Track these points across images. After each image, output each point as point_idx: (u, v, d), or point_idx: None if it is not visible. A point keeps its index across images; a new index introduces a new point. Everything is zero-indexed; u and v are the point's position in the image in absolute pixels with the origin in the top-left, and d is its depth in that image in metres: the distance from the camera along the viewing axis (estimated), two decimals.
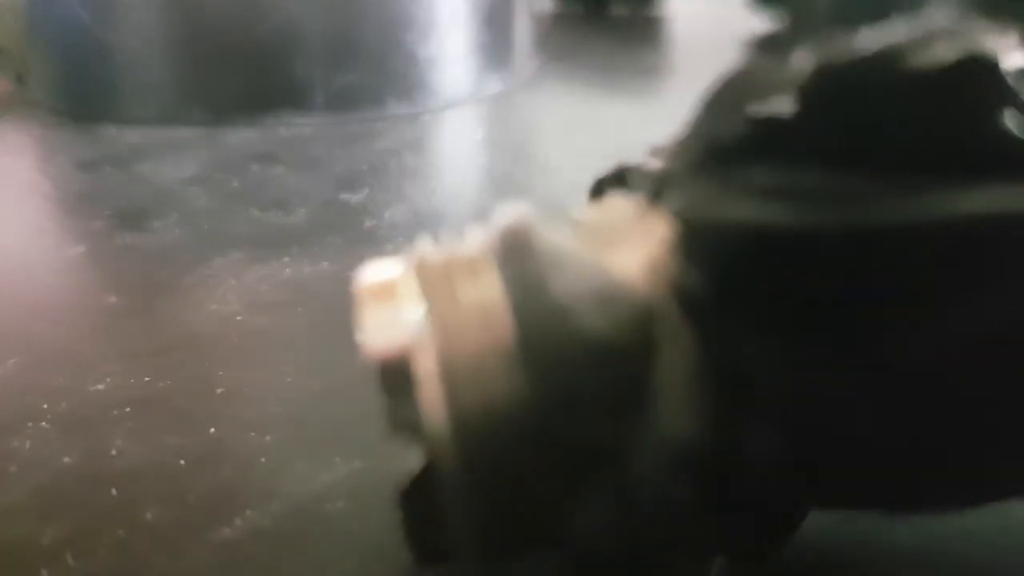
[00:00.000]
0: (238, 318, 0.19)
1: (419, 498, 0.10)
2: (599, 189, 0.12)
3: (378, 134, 0.30)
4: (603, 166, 0.12)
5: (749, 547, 0.10)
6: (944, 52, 0.09)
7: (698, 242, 0.10)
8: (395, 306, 0.11)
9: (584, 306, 0.10)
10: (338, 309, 0.14)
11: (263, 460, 0.14)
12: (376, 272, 0.11)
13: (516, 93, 0.35)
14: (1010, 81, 0.09)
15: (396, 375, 0.10)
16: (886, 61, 0.09)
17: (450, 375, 0.10)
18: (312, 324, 0.18)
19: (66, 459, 0.14)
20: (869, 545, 0.12)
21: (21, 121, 0.32)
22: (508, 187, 0.26)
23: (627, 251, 0.10)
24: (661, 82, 0.38)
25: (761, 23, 0.44)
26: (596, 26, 0.47)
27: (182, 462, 0.14)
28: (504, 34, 0.35)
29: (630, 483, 0.10)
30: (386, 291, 0.11)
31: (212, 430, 0.15)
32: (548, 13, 0.49)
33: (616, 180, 0.11)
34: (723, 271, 0.10)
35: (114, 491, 0.14)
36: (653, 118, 0.31)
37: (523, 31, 0.36)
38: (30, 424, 0.15)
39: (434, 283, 0.11)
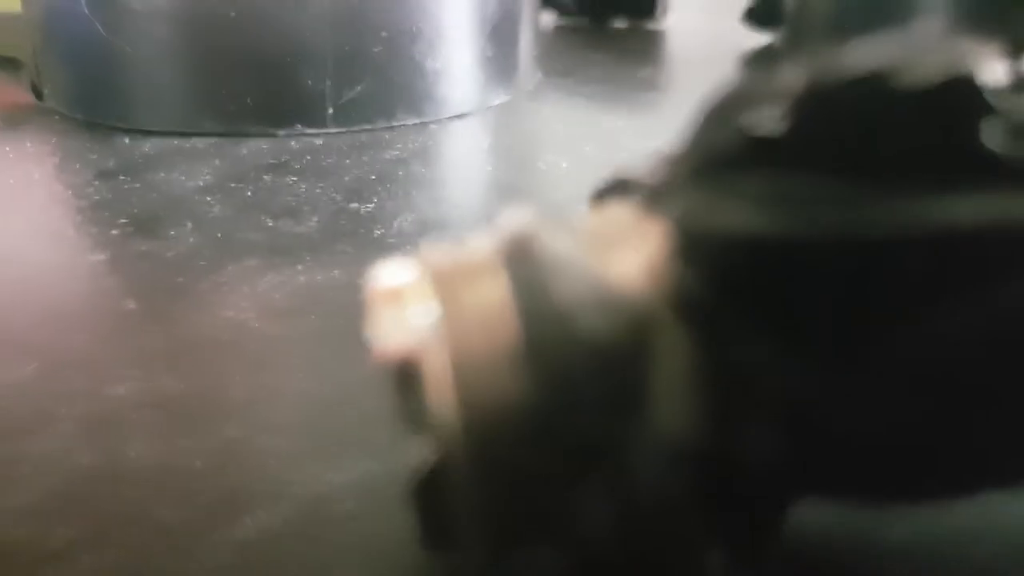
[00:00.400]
0: (252, 324, 0.19)
1: (430, 492, 0.10)
2: (599, 197, 0.12)
3: (387, 144, 0.30)
4: (604, 174, 0.12)
5: (745, 541, 0.10)
6: (928, 72, 0.10)
7: (695, 248, 0.10)
8: (407, 309, 0.11)
9: (585, 311, 0.10)
10: (350, 315, 0.14)
11: (275, 462, 0.14)
12: (388, 276, 0.11)
13: (520, 104, 0.35)
14: (990, 96, 0.09)
15: (408, 375, 0.10)
16: (874, 81, 0.10)
17: (459, 375, 0.10)
18: (324, 330, 0.18)
19: (83, 461, 0.14)
20: (866, 542, 0.12)
21: (39, 131, 0.32)
22: (512, 195, 0.26)
23: (626, 257, 0.10)
24: (660, 94, 0.38)
25: (757, 38, 0.44)
26: (597, 39, 0.47)
27: (197, 464, 0.14)
28: (509, 48, 0.35)
29: (629, 480, 0.10)
30: (398, 294, 0.11)
31: (226, 433, 0.15)
32: (550, 26, 0.49)
33: (616, 189, 0.12)
34: (719, 276, 0.10)
35: (129, 492, 0.14)
36: (652, 128, 0.32)
37: (527, 44, 0.36)
38: (49, 427, 0.15)
39: (444, 287, 0.11)
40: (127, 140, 0.30)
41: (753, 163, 0.10)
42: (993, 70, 0.10)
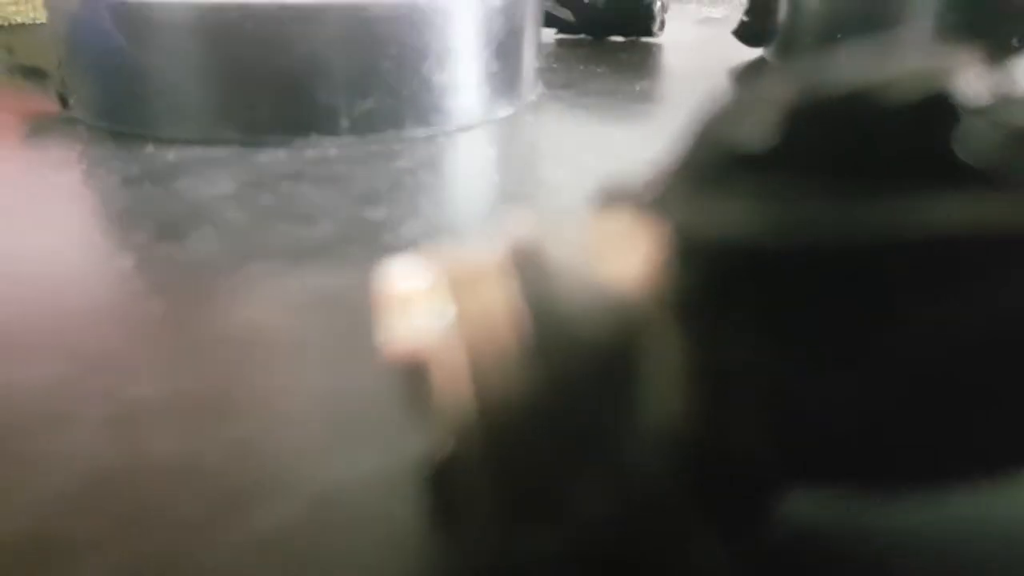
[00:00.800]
0: (269, 325, 0.19)
1: (442, 481, 0.11)
2: (599, 206, 0.12)
3: (397, 154, 0.30)
4: (603, 184, 0.12)
5: (741, 534, 0.11)
6: (911, 83, 0.10)
7: (690, 252, 0.10)
8: (418, 309, 0.11)
9: (586, 313, 0.10)
10: (361, 316, 0.14)
11: (291, 457, 0.14)
12: (400, 277, 0.11)
13: (523, 116, 0.35)
14: (965, 110, 0.10)
15: (420, 372, 0.11)
16: (860, 94, 0.10)
17: (469, 372, 0.10)
18: (336, 330, 0.19)
19: (103, 458, 0.14)
20: (865, 535, 0.12)
21: (65, 139, 0.32)
22: (516, 203, 0.26)
23: (624, 261, 0.11)
24: (657, 106, 0.38)
25: (750, 52, 0.44)
26: (597, 54, 0.47)
27: (214, 460, 0.14)
28: (513, 63, 0.35)
29: (627, 474, 0.10)
30: (408, 296, 0.11)
31: (242, 429, 0.15)
32: (552, 41, 0.49)
33: (614, 197, 0.12)
34: (715, 279, 0.10)
35: (147, 488, 0.14)
36: (650, 139, 0.32)
37: (530, 59, 0.37)
38: (69, 425, 0.15)
39: (455, 288, 0.11)
40: (151, 148, 0.30)
41: (745, 173, 0.10)
42: (974, 79, 0.10)
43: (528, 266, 0.11)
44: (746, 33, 0.43)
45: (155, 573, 0.12)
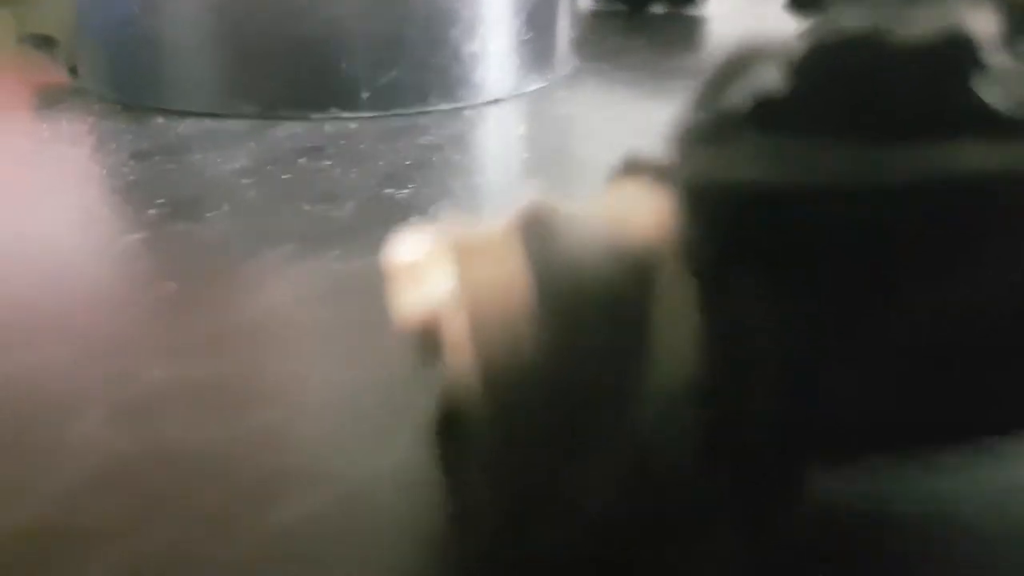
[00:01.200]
0: (288, 309, 0.19)
1: (449, 441, 0.11)
2: (617, 178, 0.12)
3: (422, 129, 0.30)
4: (624, 157, 0.12)
5: (755, 507, 0.11)
6: (925, 31, 0.10)
7: (700, 204, 0.10)
8: (427, 277, 0.11)
9: (595, 271, 0.10)
10: (385, 301, 0.14)
11: (313, 447, 0.14)
12: (407, 247, 0.12)
13: (556, 90, 0.35)
14: (983, 54, 0.10)
15: (430, 339, 0.11)
16: (872, 40, 0.10)
17: (477, 336, 0.10)
18: (360, 315, 0.18)
19: (120, 445, 0.14)
20: (874, 511, 0.12)
21: (75, 111, 0.32)
22: (547, 182, 0.26)
23: (637, 220, 0.11)
24: (696, 81, 0.38)
25: (797, 23, 0.43)
26: (635, 25, 0.46)
27: (234, 448, 0.14)
28: (546, 32, 0.35)
29: (637, 429, 0.10)
30: (418, 264, 0.11)
31: (262, 417, 0.15)
32: (588, 11, 0.49)
33: (631, 169, 0.12)
34: (723, 230, 0.10)
35: (166, 476, 0.14)
36: None
37: (564, 29, 0.36)
38: (85, 411, 0.15)
39: (462, 255, 0.11)
40: (162, 121, 0.30)
41: (758, 125, 0.10)
42: (989, 28, 0.10)
43: (539, 229, 0.11)
44: (798, 3, 0.43)
45: (167, 563, 0.12)
